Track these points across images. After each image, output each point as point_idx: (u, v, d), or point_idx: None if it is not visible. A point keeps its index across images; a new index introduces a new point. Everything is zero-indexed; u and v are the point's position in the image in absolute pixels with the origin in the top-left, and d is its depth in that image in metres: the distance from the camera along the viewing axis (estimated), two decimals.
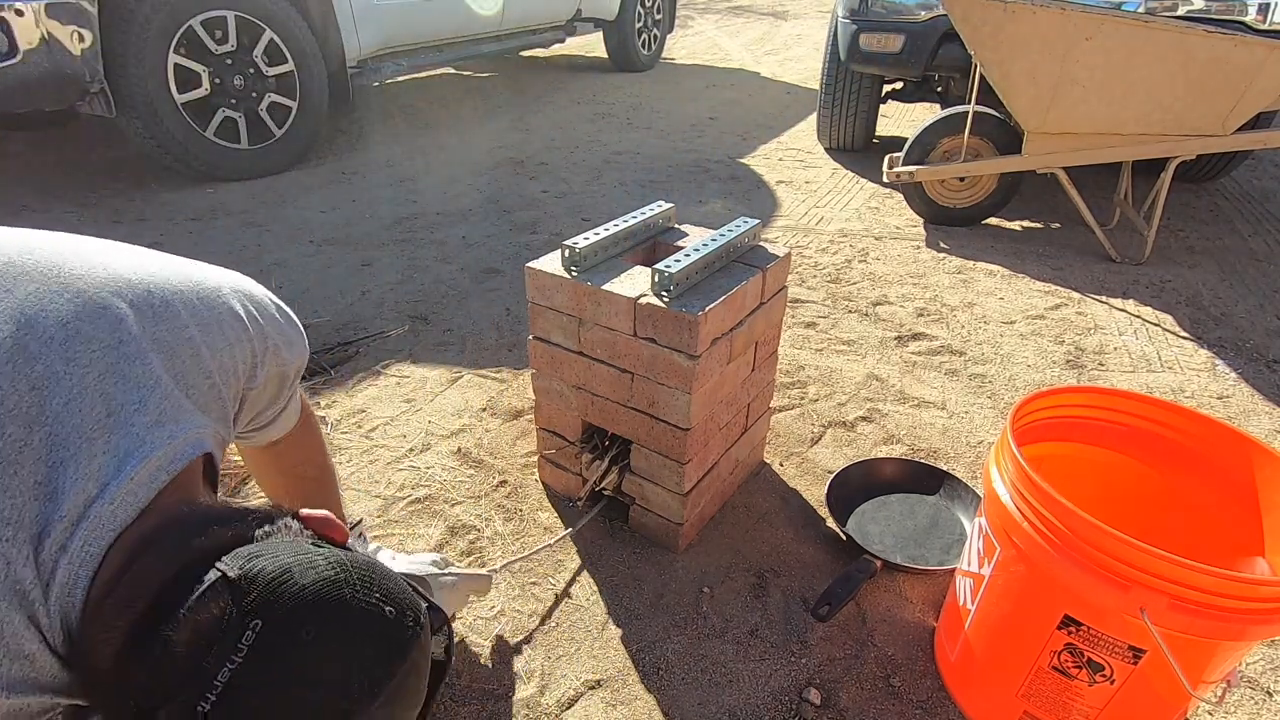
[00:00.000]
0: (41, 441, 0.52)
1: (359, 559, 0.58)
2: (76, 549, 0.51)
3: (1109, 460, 1.16)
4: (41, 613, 0.50)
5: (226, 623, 0.50)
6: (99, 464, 0.53)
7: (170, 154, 3.04)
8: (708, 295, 1.19)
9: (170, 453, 0.57)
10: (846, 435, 1.74)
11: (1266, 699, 1.16)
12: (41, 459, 0.51)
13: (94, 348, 0.56)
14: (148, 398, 0.57)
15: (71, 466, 0.52)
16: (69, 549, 0.51)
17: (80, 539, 0.51)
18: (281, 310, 0.79)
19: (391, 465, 1.60)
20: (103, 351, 0.56)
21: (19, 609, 0.49)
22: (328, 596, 0.53)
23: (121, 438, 0.55)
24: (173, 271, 0.67)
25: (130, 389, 0.57)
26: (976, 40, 2.38)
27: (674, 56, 6.82)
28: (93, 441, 0.53)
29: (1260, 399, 1.91)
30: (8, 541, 0.49)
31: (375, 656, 0.55)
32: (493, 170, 3.59)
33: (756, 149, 4.06)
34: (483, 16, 4.32)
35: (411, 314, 2.24)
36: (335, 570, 0.55)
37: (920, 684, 1.17)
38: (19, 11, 2.45)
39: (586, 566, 1.37)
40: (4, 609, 0.48)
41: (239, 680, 0.49)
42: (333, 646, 0.53)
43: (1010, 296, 2.43)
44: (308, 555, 0.55)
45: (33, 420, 0.51)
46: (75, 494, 0.52)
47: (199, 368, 0.64)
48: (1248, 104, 2.36)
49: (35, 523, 0.50)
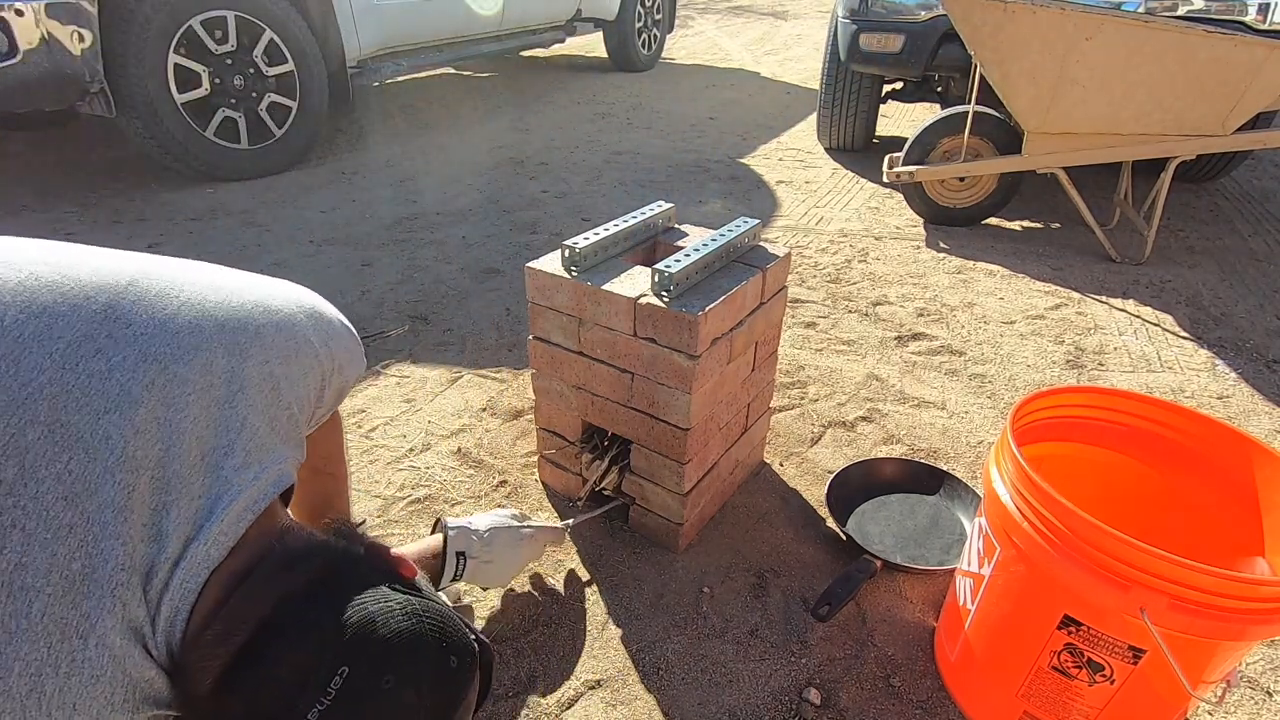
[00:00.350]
0: (148, 486, 0.55)
1: (430, 608, 0.65)
2: (177, 586, 0.56)
3: (1109, 460, 1.16)
4: (152, 644, 0.56)
5: (318, 666, 0.56)
6: (195, 507, 0.57)
7: (170, 154, 3.04)
8: (708, 295, 1.19)
9: (256, 493, 0.61)
10: (846, 435, 1.74)
11: (1266, 699, 1.16)
12: (147, 503, 0.55)
13: (189, 391, 0.59)
14: (235, 441, 0.61)
15: (174, 510, 0.56)
16: (170, 586, 0.56)
17: (180, 577, 0.56)
18: (346, 328, 0.82)
19: (391, 465, 1.60)
20: (197, 395, 0.59)
21: (136, 643, 0.54)
22: (406, 647, 0.60)
23: (213, 481, 0.59)
24: (252, 302, 0.69)
25: (221, 433, 0.60)
26: (976, 40, 2.38)
27: (674, 56, 6.82)
28: (190, 485, 0.57)
29: (1260, 399, 1.91)
30: (124, 585, 0.53)
31: (441, 703, 0.62)
32: (493, 170, 3.59)
33: (756, 149, 4.06)
34: (483, 16, 4.32)
35: (411, 314, 2.24)
36: (412, 622, 0.62)
37: (920, 684, 1.17)
38: (19, 11, 2.45)
39: (587, 566, 1.37)
40: (126, 645, 0.53)
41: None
42: (408, 693, 0.59)
43: (1010, 296, 2.43)
44: (388, 605, 0.61)
45: (139, 466, 0.55)
46: (176, 536, 0.56)
47: (279, 401, 0.67)
48: (1248, 104, 2.36)
49: (144, 563, 0.55)
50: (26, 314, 0.54)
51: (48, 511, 0.50)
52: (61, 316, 0.55)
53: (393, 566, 0.68)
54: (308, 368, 0.71)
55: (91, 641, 0.51)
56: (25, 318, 0.54)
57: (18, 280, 0.56)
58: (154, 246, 2.64)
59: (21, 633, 0.48)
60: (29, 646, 0.48)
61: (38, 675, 0.48)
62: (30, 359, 0.52)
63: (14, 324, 0.53)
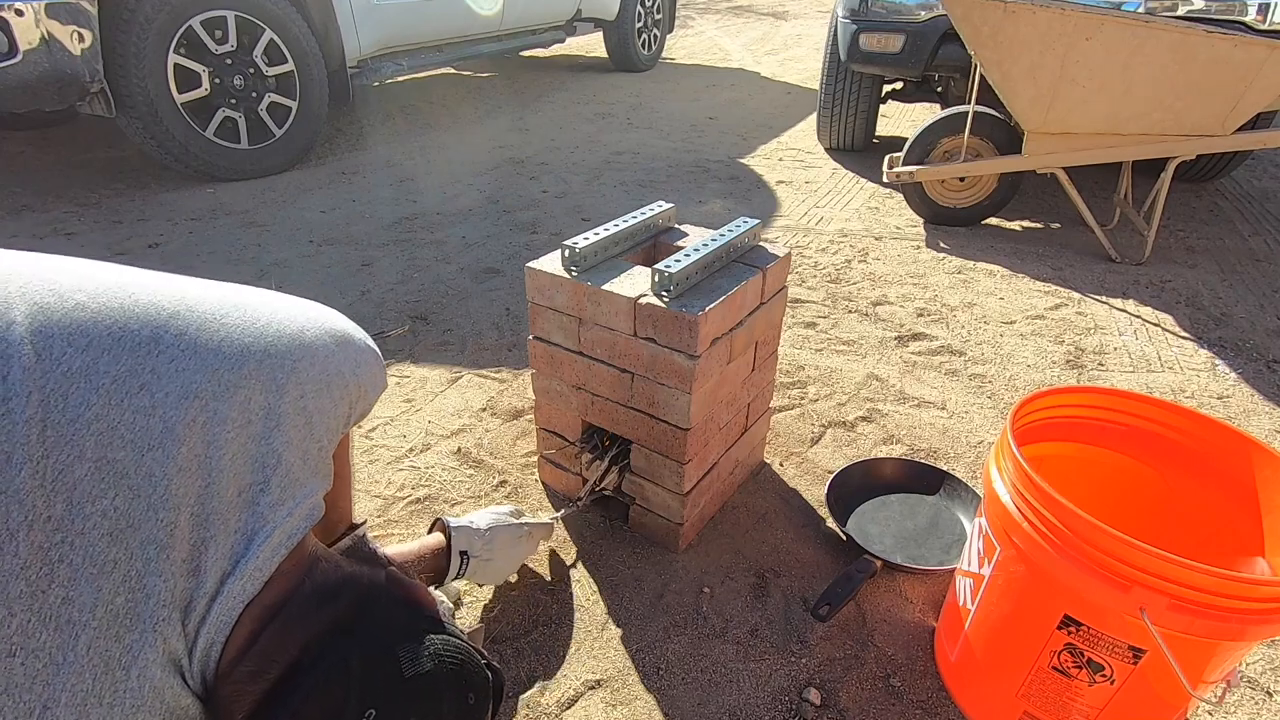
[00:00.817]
0: (188, 522, 0.56)
1: (450, 645, 0.70)
2: (213, 620, 0.58)
3: (1109, 460, 1.16)
4: (189, 674, 0.58)
5: (346, 707, 0.60)
6: (231, 543, 0.59)
7: (170, 154, 3.04)
8: (708, 295, 1.19)
9: (290, 528, 0.63)
10: (846, 435, 1.74)
11: (1266, 699, 1.16)
12: (187, 539, 0.56)
13: (229, 430, 0.60)
14: (270, 478, 0.62)
15: (212, 546, 0.58)
16: (208, 620, 0.58)
17: (216, 612, 0.58)
18: (372, 351, 0.82)
19: (391, 465, 1.60)
20: (236, 432, 0.60)
21: (175, 674, 0.56)
22: (429, 689, 0.65)
23: (249, 518, 0.60)
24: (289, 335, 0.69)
25: (257, 469, 0.61)
26: (976, 40, 2.38)
27: (674, 56, 6.82)
28: (227, 521, 0.59)
29: (1260, 399, 1.91)
30: (165, 621, 0.55)
31: None
32: (493, 170, 3.59)
33: (756, 149, 4.06)
34: (483, 17, 4.32)
35: (411, 314, 2.24)
36: (434, 663, 0.67)
37: (920, 684, 1.17)
38: (19, 11, 2.45)
39: (586, 566, 1.37)
40: (166, 677, 0.55)
41: None
42: None
43: (1010, 296, 2.43)
44: (413, 649, 0.67)
45: (180, 503, 0.56)
46: (214, 572, 0.58)
47: (312, 435, 0.68)
48: (1248, 104, 2.36)
49: (183, 598, 0.56)
50: (75, 347, 0.55)
51: (93, 548, 0.52)
52: (108, 350, 0.56)
53: (414, 598, 0.74)
54: (338, 399, 0.72)
55: (134, 673, 0.53)
56: (73, 351, 0.55)
57: (64, 311, 0.56)
58: (154, 246, 2.65)
59: (68, 665, 0.50)
60: (75, 678, 0.51)
61: (83, 705, 0.51)
62: (78, 394, 0.53)
63: (62, 357, 0.54)
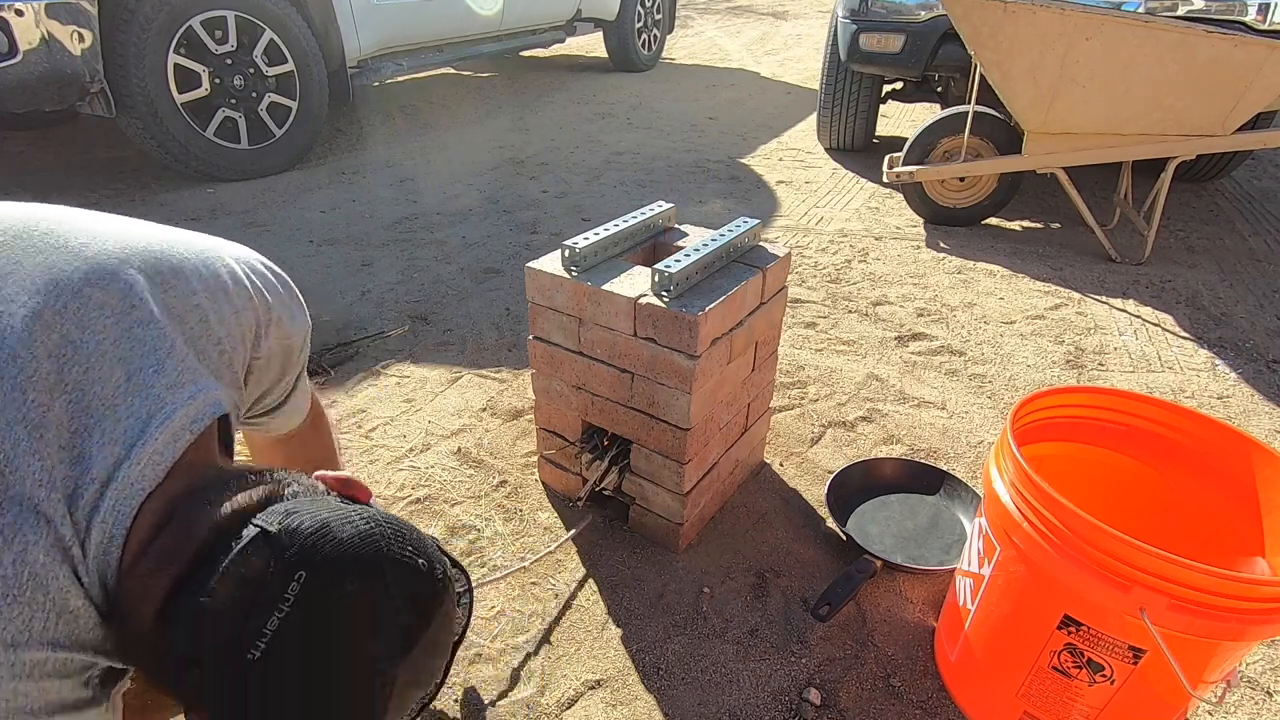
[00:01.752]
0: (64, 408, 0.53)
1: (389, 515, 0.60)
2: (108, 509, 0.53)
3: (1109, 460, 1.16)
4: (82, 570, 0.52)
5: (271, 575, 0.51)
6: (123, 427, 0.54)
7: (170, 154, 3.04)
8: (708, 295, 1.19)
9: (191, 413, 0.58)
10: (846, 435, 1.74)
11: (1266, 699, 1.16)
12: (64, 425, 0.53)
13: (107, 314, 0.57)
14: (164, 361, 0.59)
15: (97, 431, 0.53)
16: (100, 509, 0.52)
17: (111, 499, 0.53)
18: (283, 280, 0.80)
19: (391, 465, 1.60)
20: (116, 317, 0.57)
21: (64, 563, 0.50)
22: (366, 549, 0.55)
23: (143, 401, 0.56)
24: (177, 239, 0.68)
25: (147, 353, 0.58)
26: (976, 40, 2.38)
27: (674, 56, 6.81)
28: (115, 407, 0.55)
29: (1260, 399, 1.91)
30: (45, 501, 0.50)
31: (411, 607, 0.57)
32: (493, 170, 3.59)
33: (756, 149, 4.05)
34: (483, 17, 4.32)
35: (411, 314, 2.24)
36: (370, 525, 0.57)
37: (920, 684, 1.17)
38: (19, 11, 2.45)
39: (586, 566, 1.37)
40: (52, 564, 0.49)
41: (286, 629, 0.50)
42: (373, 596, 0.54)
43: (1010, 296, 2.43)
44: (342, 511, 0.57)
45: (53, 387, 0.53)
46: (102, 457, 0.53)
47: (208, 334, 0.65)
48: (1248, 104, 2.36)
49: (66, 484, 0.52)
50: None
51: None
52: None
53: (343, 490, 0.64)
54: (239, 306, 0.69)
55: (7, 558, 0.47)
56: None
57: None
58: None
59: None
60: None
61: None
62: None
63: None
